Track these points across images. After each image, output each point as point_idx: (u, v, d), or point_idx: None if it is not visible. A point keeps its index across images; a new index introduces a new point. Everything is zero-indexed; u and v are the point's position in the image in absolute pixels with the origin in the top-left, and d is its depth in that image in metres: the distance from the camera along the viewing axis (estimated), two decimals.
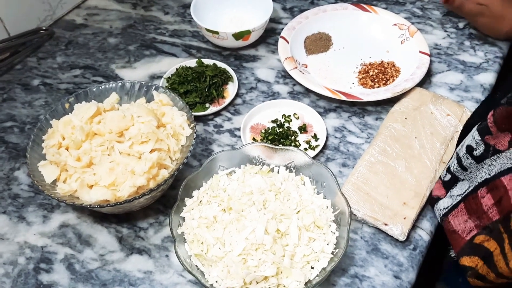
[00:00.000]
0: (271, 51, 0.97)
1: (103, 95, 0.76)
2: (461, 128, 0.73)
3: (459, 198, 0.67)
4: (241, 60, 0.95)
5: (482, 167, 0.63)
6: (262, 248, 0.62)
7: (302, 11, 1.01)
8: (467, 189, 0.66)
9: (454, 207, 0.67)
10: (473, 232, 0.63)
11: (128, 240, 0.71)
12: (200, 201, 0.68)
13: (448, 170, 0.69)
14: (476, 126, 0.65)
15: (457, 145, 0.72)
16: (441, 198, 0.70)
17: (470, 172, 0.65)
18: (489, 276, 0.60)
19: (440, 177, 0.71)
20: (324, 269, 0.62)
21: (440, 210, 0.69)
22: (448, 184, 0.69)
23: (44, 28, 1.02)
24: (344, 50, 0.96)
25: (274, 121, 0.84)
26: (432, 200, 0.71)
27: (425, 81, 0.90)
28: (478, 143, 0.63)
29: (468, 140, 0.65)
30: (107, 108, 0.72)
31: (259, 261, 0.61)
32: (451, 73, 0.92)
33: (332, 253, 0.63)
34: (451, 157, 0.70)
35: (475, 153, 0.63)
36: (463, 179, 0.67)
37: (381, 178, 0.73)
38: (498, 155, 0.61)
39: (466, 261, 0.62)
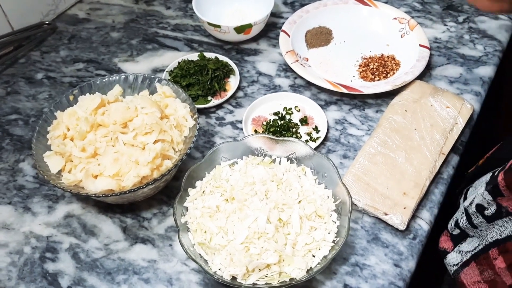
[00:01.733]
0: (272, 45, 0.98)
1: (106, 88, 0.77)
2: (464, 124, 0.72)
3: (469, 255, 0.67)
4: (242, 53, 0.96)
5: (493, 227, 0.63)
6: (264, 237, 0.63)
7: (303, 5, 1.01)
8: (477, 246, 0.66)
9: (465, 264, 0.67)
10: None
11: (132, 230, 0.72)
12: (203, 191, 0.69)
13: (457, 224, 0.69)
14: (485, 185, 0.64)
15: (461, 195, 0.71)
16: (448, 252, 0.70)
17: (481, 230, 0.65)
18: None
19: (448, 230, 0.72)
20: (325, 257, 0.63)
21: (451, 266, 0.70)
22: (457, 239, 0.70)
23: (47, 22, 1.03)
24: (344, 43, 0.97)
25: (275, 114, 0.85)
26: (440, 253, 0.72)
27: (425, 74, 0.91)
28: (489, 203, 0.63)
29: (478, 199, 0.65)
30: (111, 100, 0.73)
31: (262, 249, 0.62)
32: (450, 66, 0.92)
33: (333, 241, 0.64)
34: (458, 211, 0.69)
35: (486, 212, 0.63)
36: (473, 236, 0.67)
37: (382, 169, 0.74)
38: (510, 217, 0.61)
39: None
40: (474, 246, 0.67)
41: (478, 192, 0.66)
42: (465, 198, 0.71)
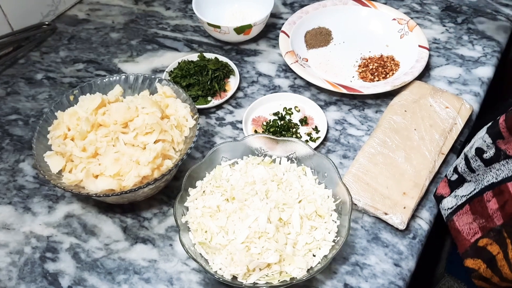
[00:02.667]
0: (272, 46, 0.98)
1: (107, 88, 0.77)
2: (463, 124, 0.73)
3: (464, 199, 0.67)
4: (242, 54, 0.97)
5: (490, 171, 0.64)
6: (265, 236, 0.63)
7: (302, 6, 1.02)
8: (473, 190, 0.66)
9: (459, 207, 0.67)
10: (477, 235, 0.64)
11: (133, 230, 0.72)
12: (204, 191, 0.70)
13: (455, 170, 0.69)
14: (486, 128, 0.64)
15: (464, 144, 0.72)
16: (445, 197, 0.71)
17: (478, 175, 0.66)
18: (493, 279, 0.61)
19: (446, 176, 0.72)
20: (325, 256, 0.63)
21: (445, 210, 0.70)
22: (454, 184, 0.70)
23: (47, 23, 1.03)
24: (344, 44, 0.97)
25: (275, 114, 0.85)
26: (436, 198, 0.72)
27: (424, 75, 0.91)
28: (489, 146, 0.63)
29: (478, 143, 0.65)
30: (112, 100, 0.74)
31: (262, 249, 0.62)
32: (449, 67, 0.93)
33: (334, 241, 0.65)
34: (459, 157, 0.70)
35: (485, 156, 0.64)
36: (470, 181, 0.68)
37: (381, 169, 0.75)
38: (507, 160, 0.61)
39: (470, 263, 0.63)
40: (470, 190, 0.67)
41: (478, 136, 0.66)
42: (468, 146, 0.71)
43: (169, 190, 0.76)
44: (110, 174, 0.66)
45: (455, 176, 0.70)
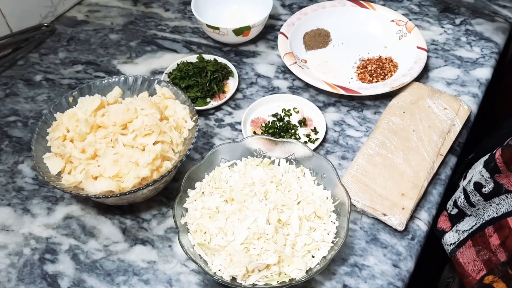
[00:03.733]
0: (270, 47, 0.98)
1: (106, 89, 0.77)
2: (461, 125, 0.72)
3: (466, 234, 0.67)
4: (241, 55, 0.97)
5: (490, 205, 0.64)
6: (264, 237, 0.63)
7: (301, 7, 1.02)
8: (474, 225, 0.66)
9: (462, 243, 0.67)
10: (482, 271, 0.63)
11: (132, 231, 0.72)
12: (203, 193, 0.70)
13: (455, 204, 0.70)
14: (483, 162, 0.64)
15: (461, 177, 0.72)
16: (446, 232, 0.71)
17: (478, 209, 0.66)
18: None
19: (446, 210, 0.72)
20: (324, 257, 0.64)
21: (448, 245, 0.70)
22: (455, 218, 0.70)
23: (46, 24, 1.03)
24: (342, 45, 0.97)
25: (274, 115, 0.85)
26: (438, 233, 0.72)
27: (423, 76, 0.91)
28: (487, 180, 0.63)
29: (476, 177, 0.65)
30: (111, 101, 0.74)
31: (261, 250, 0.62)
32: (448, 68, 0.93)
33: (332, 242, 0.65)
34: (457, 191, 0.70)
35: (483, 190, 0.64)
36: (470, 215, 0.68)
37: (380, 170, 0.75)
38: (507, 194, 0.61)
39: None
40: (471, 225, 0.67)
41: (476, 170, 0.66)
42: (464, 179, 0.71)
43: (168, 191, 0.76)
44: (109, 175, 0.66)
45: (455, 210, 0.70)
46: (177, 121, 0.72)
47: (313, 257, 0.64)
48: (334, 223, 0.67)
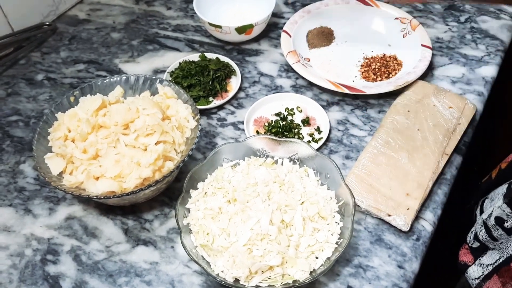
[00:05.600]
0: (273, 45, 0.98)
1: (107, 89, 0.76)
2: (467, 124, 0.71)
3: (491, 268, 0.67)
4: (244, 54, 0.96)
5: None
6: (267, 238, 0.62)
7: (304, 5, 1.01)
8: (498, 259, 0.66)
9: (487, 277, 0.67)
10: None
11: (134, 232, 0.71)
12: (205, 193, 0.69)
13: (476, 237, 0.69)
14: (503, 197, 0.64)
15: (477, 206, 0.72)
16: (469, 265, 0.70)
17: (501, 243, 0.65)
18: None
19: (467, 243, 0.72)
20: (328, 258, 0.63)
21: (473, 279, 0.69)
22: (477, 252, 0.70)
23: (47, 23, 1.02)
24: (346, 44, 0.96)
25: (277, 114, 0.84)
26: (460, 266, 0.72)
27: (427, 74, 0.90)
28: (509, 215, 0.63)
29: (496, 211, 0.65)
30: (112, 101, 0.73)
31: (264, 251, 0.62)
32: (453, 66, 0.92)
33: (337, 243, 0.64)
34: (477, 223, 0.70)
35: (506, 225, 0.64)
36: (493, 248, 0.67)
37: (384, 169, 0.74)
38: None
39: None
40: (495, 258, 0.66)
41: (496, 205, 0.66)
42: (481, 210, 0.70)
43: (170, 191, 0.75)
44: (111, 176, 0.65)
45: (476, 244, 0.70)
46: (179, 120, 0.72)
47: (317, 258, 0.63)
48: (338, 223, 0.66)
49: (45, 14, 1.02)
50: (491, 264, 0.67)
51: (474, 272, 0.69)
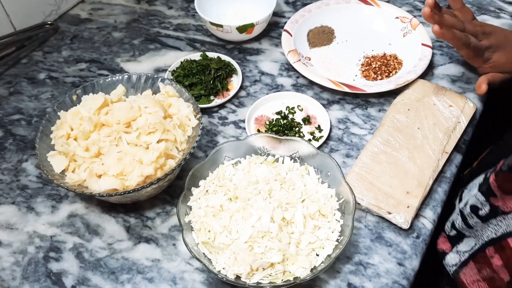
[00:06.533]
0: (274, 45, 0.98)
1: (109, 87, 0.77)
2: (467, 123, 0.72)
3: (467, 255, 0.67)
4: (245, 53, 0.96)
5: (488, 226, 0.64)
6: (268, 236, 0.63)
7: (304, 4, 1.02)
8: (474, 246, 0.66)
9: (464, 264, 0.67)
10: None
11: (136, 229, 0.72)
12: (207, 191, 0.69)
13: (453, 226, 0.70)
14: (478, 186, 0.65)
15: (456, 197, 0.73)
16: (447, 253, 0.71)
17: (476, 230, 0.66)
18: None
19: (445, 232, 0.72)
20: (329, 256, 0.63)
21: (450, 266, 0.70)
22: (454, 240, 0.70)
23: (49, 22, 1.03)
24: (346, 43, 0.97)
25: (278, 113, 0.85)
26: (439, 254, 0.72)
27: (428, 73, 0.91)
28: (483, 203, 0.63)
29: (471, 200, 0.66)
30: (114, 99, 0.74)
31: (266, 248, 0.62)
32: (453, 65, 0.92)
33: (337, 240, 0.64)
34: (454, 212, 0.71)
35: (480, 213, 0.64)
36: (469, 236, 0.68)
37: (385, 168, 0.74)
38: (503, 216, 0.62)
39: None
40: (471, 246, 0.67)
41: (471, 194, 0.67)
42: (460, 200, 0.71)
43: (172, 189, 0.76)
44: (113, 173, 0.66)
45: (454, 232, 0.70)
46: (181, 119, 0.72)
47: (317, 255, 0.64)
48: (339, 221, 0.66)
49: (47, 14, 1.03)
50: (467, 251, 0.67)
51: (452, 259, 0.70)
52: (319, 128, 0.82)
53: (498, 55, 0.82)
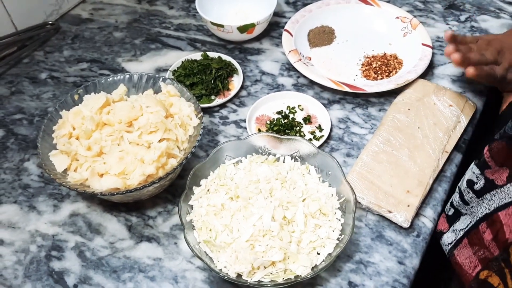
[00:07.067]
0: (275, 44, 0.98)
1: (111, 87, 0.77)
2: (467, 122, 0.72)
3: (462, 233, 0.67)
4: (245, 53, 0.97)
5: (483, 202, 0.64)
6: (269, 234, 0.63)
7: (305, 4, 1.02)
8: (469, 223, 0.66)
9: (458, 242, 0.68)
10: (477, 268, 0.64)
11: (137, 228, 0.72)
12: (208, 190, 0.70)
13: (452, 204, 0.70)
14: (474, 160, 0.65)
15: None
16: (444, 232, 0.71)
17: (472, 207, 0.66)
18: None
19: (444, 212, 0.72)
20: (330, 254, 0.64)
21: (446, 245, 0.70)
22: (452, 219, 0.70)
23: (50, 22, 1.03)
24: (347, 43, 0.97)
25: (279, 113, 0.85)
26: (437, 235, 0.72)
27: (428, 73, 0.91)
28: (478, 177, 0.64)
29: (468, 175, 0.66)
30: (116, 99, 0.74)
31: (267, 247, 0.62)
32: (453, 65, 0.92)
33: (338, 239, 0.65)
34: (455, 192, 0.70)
35: (475, 187, 0.64)
36: (465, 214, 0.68)
37: (385, 167, 0.75)
38: (497, 190, 0.62)
39: None
40: (466, 223, 0.67)
41: (469, 168, 0.67)
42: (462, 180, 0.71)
43: (173, 188, 0.76)
44: (115, 172, 0.66)
45: (451, 211, 0.70)
46: (182, 118, 0.73)
47: (318, 254, 0.64)
48: (340, 220, 0.67)
49: (48, 14, 1.03)
50: (462, 229, 0.67)
51: (448, 238, 0.70)
52: (319, 128, 0.82)
53: None
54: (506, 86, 0.81)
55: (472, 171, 0.64)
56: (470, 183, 0.65)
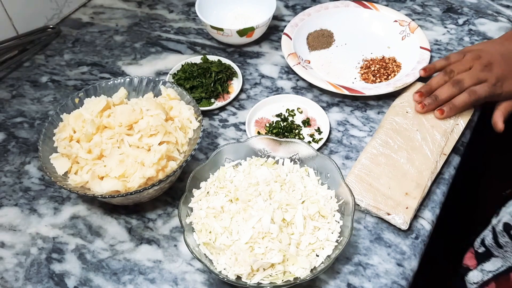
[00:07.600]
0: (274, 48, 0.99)
1: (111, 90, 0.78)
2: (464, 125, 0.71)
3: (491, 275, 0.66)
4: (245, 56, 0.97)
5: None
6: (268, 237, 0.63)
7: (304, 8, 1.03)
8: (500, 267, 0.65)
9: (485, 284, 0.66)
10: None
11: (138, 231, 0.73)
12: (208, 192, 0.70)
13: (483, 242, 0.68)
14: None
15: (495, 212, 0.71)
16: (471, 269, 0.69)
17: (506, 251, 0.64)
18: None
19: (473, 247, 0.71)
20: (329, 256, 0.64)
21: (471, 283, 0.69)
22: (482, 257, 0.69)
23: (51, 26, 1.04)
24: (346, 46, 0.98)
25: (278, 115, 0.85)
26: (462, 270, 0.71)
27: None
28: None
29: (506, 218, 0.64)
30: (116, 102, 0.74)
31: (266, 249, 0.63)
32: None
33: (337, 241, 0.65)
34: (486, 229, 0.68)
35: None
36: (497, 256, 0.66)
37: (384, 169, 0.75)
38: None
39: None
40: (497, 266, 0.65)
41: (507, 210, 0.65)
42: (496, 216, 0.70)
43: (173, 191, 0.76)
44: (115, 175, 0.67)
45: (482, 249, 0.69)
46: (182, 121, 0.73)
47: (317, 256, 0.64)
48: (338, 222, 0.67)
49: (49, 17, 1.04)
50: (491, 271, 0.66)
51: (474, 276, 0.68)
52: (318, 130, 0.83)
53: (506, 84, 0.78)
54: (497, 99, 0.80)
55: (511, 215, 0.62)
56: (507, 227, 0.63)
